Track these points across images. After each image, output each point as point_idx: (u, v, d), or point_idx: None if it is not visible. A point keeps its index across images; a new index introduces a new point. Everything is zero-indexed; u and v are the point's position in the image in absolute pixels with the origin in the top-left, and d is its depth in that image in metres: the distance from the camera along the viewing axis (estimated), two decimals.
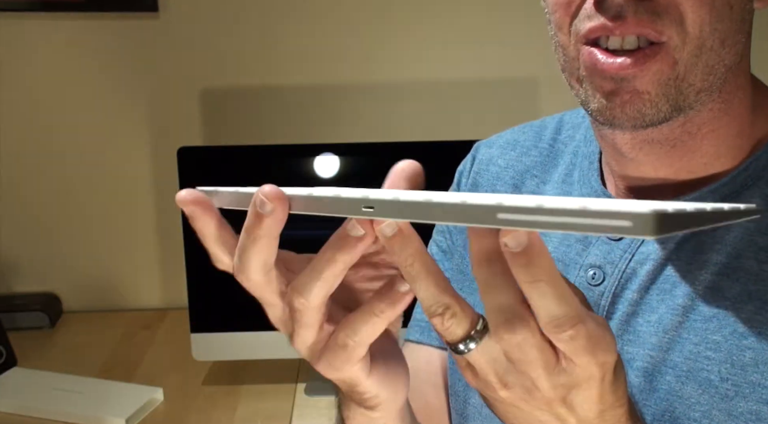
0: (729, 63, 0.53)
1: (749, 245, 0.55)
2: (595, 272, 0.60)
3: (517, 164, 0.72)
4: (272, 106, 1.51)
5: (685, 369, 0.54)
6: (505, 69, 1.51)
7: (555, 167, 0.69)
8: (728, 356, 0.53)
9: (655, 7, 0.50)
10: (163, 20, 1.46)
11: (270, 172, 1.26)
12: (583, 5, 0.52)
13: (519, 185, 0.70)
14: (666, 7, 0.50)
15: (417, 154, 1.41)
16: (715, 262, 0.56)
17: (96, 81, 1.48)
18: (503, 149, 0.74)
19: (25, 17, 1.44)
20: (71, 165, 1.52)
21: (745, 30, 0.54)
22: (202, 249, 0.49)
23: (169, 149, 1.45)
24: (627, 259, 0.59)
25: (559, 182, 0.68)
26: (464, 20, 1.49)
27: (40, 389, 1.23)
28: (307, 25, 1.48)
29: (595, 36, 0.52)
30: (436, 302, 0.38)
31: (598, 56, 0.52)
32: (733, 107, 0.56)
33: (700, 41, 0.51)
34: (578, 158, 0.67)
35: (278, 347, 1.28)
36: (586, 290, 0.60)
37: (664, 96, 0.52)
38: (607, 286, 0.59)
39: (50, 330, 1.49)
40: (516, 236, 0.34)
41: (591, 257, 0.61)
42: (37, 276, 1.57)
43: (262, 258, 0.44)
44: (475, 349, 0.39)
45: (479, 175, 0.74)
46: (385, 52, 1.50)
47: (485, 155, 0.75)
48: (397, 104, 1.52)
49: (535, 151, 0.71)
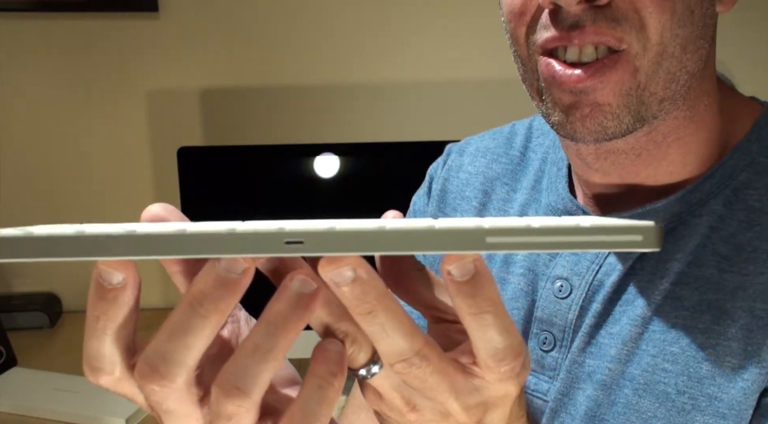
0: (692, 69, 0.52)
1: (710, 253, 0.54)
2: (562, 284, 0.59)
3: (487, 171, 0.71)
4: (272, 106, 1.51)
5: (643, 382, 0.54)
6: (505, 69, 1.51)
7: (525, 175, 0.69)
8: (685, 369, 0.52)
9: (614, 14, 0.48)
10: (163, 20, 1.46)
11: (270, 172, 1.26)
12: (539, 16, 0.50)
13: (489, 191, 0.70)
14: (625, 13, 0.48)
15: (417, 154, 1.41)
16: (675, 270, 0.55)
17: (96, 81, 1.48)
18: (473, 157, 0.73)
19: (25, 17, 1.44)
20: (71, 164, 1.52)
21: (708, 35, 0.53)
22: None
23: (169, 149, 1.46)
24: (594, 270, 0.58)
25: (528, 189, 0.67)
26: (464, 20, 1.49)
27: (40, 389, 1.23)
28: (308, 25, 1.48)
29: (552, 46, 0.50)
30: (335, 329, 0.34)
31: (556, 68, 0.50)
32: (698, 114, 0.55)
33: (661, 47, 0.49)
34: (547, 165, 0.67)
35: None
36: (554, 302, 0.59)
37: (626, 107, 0.50)
38: (574, 299, 0.58)
39: (50, 330, 1.49)
40: (463, 264, 0.31)
41: (558, 268, 0.60)
42: (37, 276, 1.57)
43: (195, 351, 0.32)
44: (378, 373, 0.35)
45: (449, 183, 0.74)
46: (385, 53, 1.50)
47: (456, 161, 0.75)
48: (398, 104, 1.52)
49: (506, 158, 0.71)
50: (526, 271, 0.63)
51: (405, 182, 1.31)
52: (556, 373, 0.59)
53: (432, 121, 1.53)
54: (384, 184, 1.27)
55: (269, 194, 1.26)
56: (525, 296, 0.62)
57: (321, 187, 1.25)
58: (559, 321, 0.59)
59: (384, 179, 1.27)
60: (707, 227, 0.55)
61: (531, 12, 0.50)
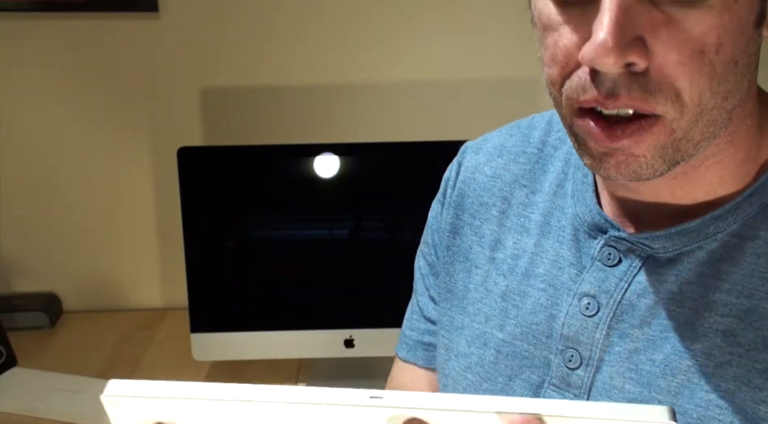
0: (734, 105, 0.50)
1: (758, 282, 0.52)
2: (589, 302, 0.58)
3: (504, 173, 0.69)
4: (272, 106, 1.51)
5: (696, 417, 0.52)
6: (505, 69, 1.51)
7: (544, 174, 0.66)
8: (741, 408, 0.51)
9: (649, 84, 0.46)
10: (163, 20, 1.46)
11: (270, 172, 1.26)
12: (576, 69, 0.49)
13: (508, 197, 0.67)
14: (660, 83, 0.46)
15: (417, 154, 1.41)
16: (725, 303, 0.53)
17: (96, 81, 1.48)
18: (490, 156, 0.71)
19: (25, 17, 1.44)
20: (71, 165, 1.52)
21: (752, 68, 0.50)
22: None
23: (169, 149, 1.45)
24: (623, 288, 0.57)
25: (550, 195, 0.65)
26: (464, 20, 1.49)
27: (40, 389, 1.23)
28: (308, 25, 1.48)
29: (588, 106, 0.50)
30: None
31: (591, 125, 0.49)
32: (739, 137, 0.53)
33: (700, 108, 0.48)
34: (570, 167, 0.64)
35: (278, 347, 1.28)
36: (580, 320, 0.58)
37: (661, 157, 0.49)
38: (602, 317, 0.57)
39: (50, 330, 1.49)
40: None
41: (585, 285, 0.58)
42: (37, 276, 1.57)
43: None
44: None
45: (466, 185, 0.71)
46: (385, 53, 1.50)
47: (471, 162, 0.72)
48: (398, 104, 1.52)
49: (524, 157, 0.68)
50: (547, 286, 0.61)
51: (405, 182, 1.31)
52: (582, 391, 0.58)
53: (432, 121, 1.53)
54: (384, 184, 1.27)
55: (269, 194, 1.26)
56: (544, 310, 0.61)
57: (321, 187, 1.25)
58: (586, 339, 0.58)
59: (384, 179, 1.27)
60: (752, 253, 0.53)
61: (571, 65, 0.50)
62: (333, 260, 1.28)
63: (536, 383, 0.60)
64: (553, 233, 0.63)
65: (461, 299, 0.68)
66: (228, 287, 1.27)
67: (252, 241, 1.27)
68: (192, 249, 1.24)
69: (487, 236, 0.67)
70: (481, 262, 0.67)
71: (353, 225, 1.27)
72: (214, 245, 1.26)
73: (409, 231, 1.28)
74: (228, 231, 1.26)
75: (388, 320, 1.28)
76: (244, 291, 1.27)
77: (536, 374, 0.61)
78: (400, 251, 1.28)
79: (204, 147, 1.26)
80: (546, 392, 0.60)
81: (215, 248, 1.26)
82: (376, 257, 1.28)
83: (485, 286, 0.66)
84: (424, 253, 0.76)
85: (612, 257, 0.58)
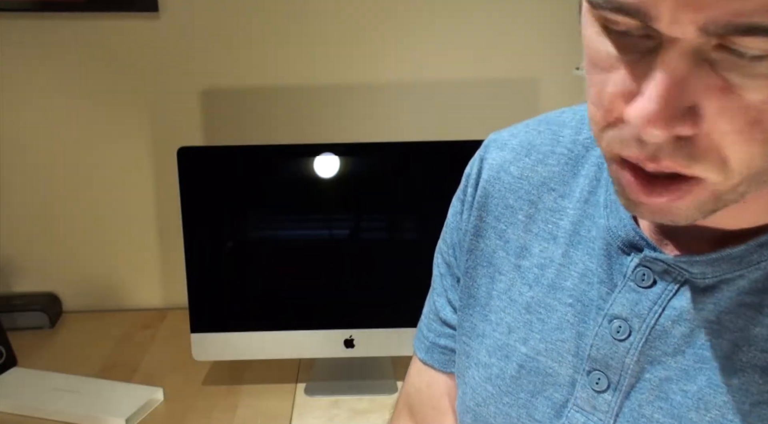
0: None
1: None
2: (620, 325, 0.55)
3: (532, 175, 0.65)
4: (272, 106, 1.51)
5: None
6: (505, 69, 1.51)
7: (575, 177, 0.62)
8: None
9: (693, 151, 0.43)
10: (163, 20, 1.46)
11: (270, 172, 1.26)
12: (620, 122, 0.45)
13: (535, 201, 0.64)
14: (705, 151, 0.42)
15: (417, 154, 1.41)
16: (764, 337, 0.50)
17: (96, 81, 1.48)
18: (517, 154, 0.66)
19: (25, 17, 1.44)
20: (71, 165, 1.52)
21: None
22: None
23: (169, 149, 1.46)
24: (657, 312, 0.54)
25: (581, 202, 0.61)
26: (465, 21, 1.49)
27: (40, 389, 1.23)
28: (308, 25, 1.48)
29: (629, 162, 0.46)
30: None
31: (630, 177, 0.46)
32: None
33: (749, 172, 0.44)
34: (604, 173, 0.60)
35: (278, 347, 1.28)
36: (610, 343, 0.56)
37: (699, 210, 0.46)
38: (633, 342, 0.55)
39: (50, 330, 1.49)
40: None
41: (616, 307, 0.56)
42: (37, 276, 1.57)
43: None
44: None
45: (491, 185, 0.67)
46: (385, 53, 1.50)
47: (497, 159, 0.67)
48: (398, 104, 1.52)
49: (553, 158, 0.64)
50: (575, 302, 0.59)
51: (405, 182, 1.31)
52: (608, 416, 0.56)
53: (432, 121, 1.53)
54: (384, 184, 1.27)
55: (269, 194, 1.26)
56: (571, 327, 0.59)
57: (321, 187, 1.25)
58: (615, 364, 0.55)
59: (384, 179, 1.27)
60: None
61: (615, 115, 0.46)
62: (333, 260, 1.28)
63: (560, 402, 0.59)
64: (583, 244, 0.60)
65: (483, 305, 0.66)
66: (228, 287, 1.27)
67: (252, 241, 1.27)
68: (192, 249, 1.24)
69: (513, 241, 0.65)
70: (505, 268, 0.65)
71: (353, 225, 1.27)
72: (214, 245, 1.26)
73: (409, 231, 1.28)
74: (228, 231, 1.26)
75: (388, 320, 1.28)
76: (244, 291, 1.27)
77: (560, 392, 0.59)
78: (400, 251, 1.28)
79: (204, 147, 1.26)
80: (570, 412, 0.58)
81: (215, 248, 1.26)
82: (376, 257, 1.28)
83: (509, 295, 0.64)
84: (442, 251, 0.73)
85: (646, 278, 0.55)
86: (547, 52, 1.50)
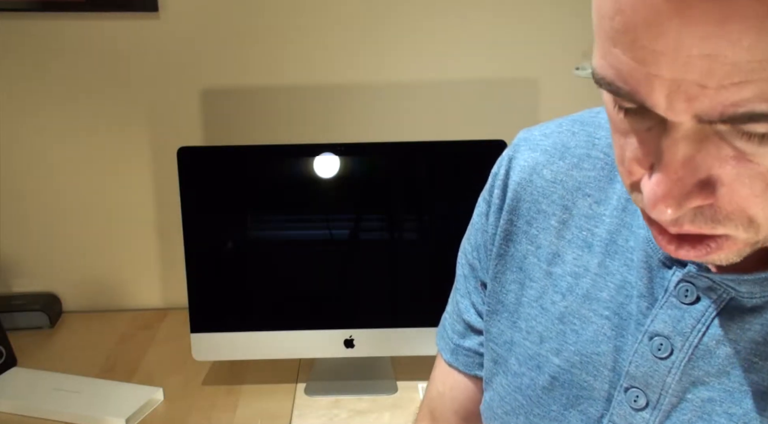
0: None
1: None
2: (662, 343, 0.53)
3: (566, 179, 0.62)
4: (272, 106, 1.51)
5: None
6: (505, 69, 1.51)
7: (611, 183, 0.60)
8: None
9: (716, 215, 0.41)
10: (163, 20, 1.46)
11: (270, 172, 1.26)
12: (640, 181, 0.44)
13: (569, 206, 0.61)
14: (729, 213, 0.41)
15: (417, 154, 1.41)
16: None
17: (96, 81, 1.48)
18: (550, 156, 0.63)
19: (25, 17, 1.44)
20: (71, 165, 1.52)
21: None
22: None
23: (169, 149, 1.46)
24: (700, 331, 0.52)
25: (618, 209, 0.59)
26: (465, 21, 1.49)
27: (40, 389, 1.23)
28: (308, 25, 1.48)
29: None
30: None
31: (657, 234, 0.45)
32: None
33: None
34: None
35: (278, 347, 1.28)
36: (650, 361, 0.54)
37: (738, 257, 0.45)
38: (675, 361, 0.53)
39: (50, 330, 1.49)
40: None
41: (658, 324, 0.53)
42: (37, 276, 1.57)
43: None
44: None
45: (522, 189, 0.64)
46: (385, 53, 1.50)
47: (528, 161, 0.64)
48: (398, 104, 1.52)
49: (588, 162, 0.61)
50: (612, 314, 0.57)
51: (405, 182, 1.31)
52: None
53: (432, 121, 1.53)
54: (384, 184, 1.27)
55: (269, 194, 1.26)
56: (608, 340, 0.57)
57: (321, 187, 1.25)
58: (655, 383, 0.54)
59: (384, 179, 1.27)
60: None
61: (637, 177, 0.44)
62: (333, 260, 1.28)
63: (595, 417, 0.57)
64: (620, 255, 0.57)
65: (512, 312, 0.64)
66: (228, 287, 1.27)
67: (252, 241, 1.27)
68: (192, 249, 1.24)
69: (545, 247, 0.62)
70: (536, 275, 0.63)
71: (353, 225, 1.27)
72: (214, 245, 1.26)
73: (409, 231, 1.28)
74: (228, 231, 1.26)
75: (388, 320, 1.28)
76: (244, 291, 1.27)
77: (595, 407, 0.57)
78: (400, 251, 1.28)
79: (204, 147, 1.26)
80: None
81: (215, 248, 1.26)
82: (376, 257, 1.28)
83: (540, 303, 0.62)
84: (467, 252, 0.70)
85: (689, 294, 0.53)
86: (547, 52, 1.50)
